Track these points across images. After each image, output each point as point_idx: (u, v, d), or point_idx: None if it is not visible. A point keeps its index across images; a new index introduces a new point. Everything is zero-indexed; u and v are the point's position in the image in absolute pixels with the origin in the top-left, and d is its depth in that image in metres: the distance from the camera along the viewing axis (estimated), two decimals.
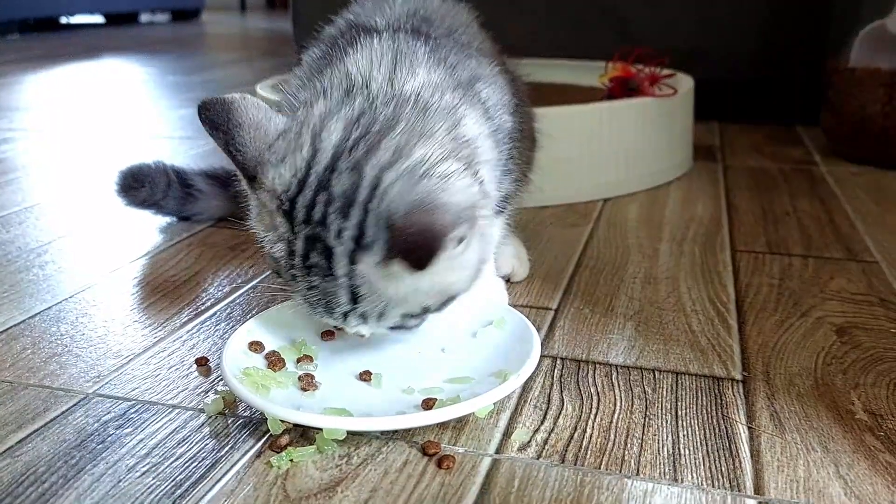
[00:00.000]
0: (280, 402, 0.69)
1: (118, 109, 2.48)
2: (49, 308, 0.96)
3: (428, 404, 0.69)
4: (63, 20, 5.53)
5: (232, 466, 0.65)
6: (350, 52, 0.76)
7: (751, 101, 2.06)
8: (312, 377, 0.74)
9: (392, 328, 0.72)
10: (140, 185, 1.24)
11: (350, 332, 0.72)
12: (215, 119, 0.69)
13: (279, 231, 0.67)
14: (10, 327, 0.91)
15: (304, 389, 0.73)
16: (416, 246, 0.60)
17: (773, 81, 2.02)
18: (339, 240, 0.64)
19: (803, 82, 1.95)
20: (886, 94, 1.58)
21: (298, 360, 0.77)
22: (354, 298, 0.66)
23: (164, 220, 1.28)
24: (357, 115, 0.69)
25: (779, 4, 1.96)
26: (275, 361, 0.76)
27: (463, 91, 0.75)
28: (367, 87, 0.72)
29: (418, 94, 0.71)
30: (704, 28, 1.98)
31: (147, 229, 1.25)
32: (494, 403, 0.71)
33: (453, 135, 0.70)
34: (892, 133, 1.58)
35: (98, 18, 5.81)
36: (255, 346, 0.78)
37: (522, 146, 0.92)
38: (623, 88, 1.52)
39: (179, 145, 1.87)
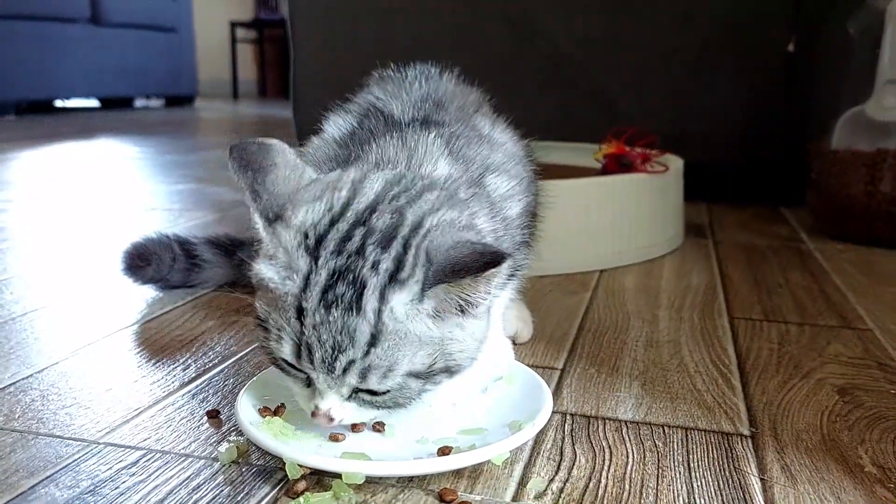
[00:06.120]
0: (297, 448, 0.69)
1: (114, 184, 2.51)
2: (56, 364, 0.95)
3: (444, 452, 0.70)
4: (58, 103, 5.63)
5: None
6: (367, 148, 0.80)
7: (736, 182, 2.13)
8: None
9: (384, 396, 0.67)
10: (146, 263, 1.25)
11: (326, 402, 0.67)
12: (247, 158, 0.69)
13: (296, 265, 0.65)
14: (19, 381, 0.90)
15: (335, 440, 0.73)
16: (469, 260, 0.62)
17: (758, 164, 2.09)
18: (375, 271, 0.64)
19: (786, 165, 2.02)
20: (868, 174, 1.64)
21: None
22: (373, 340, 0.64)
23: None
24: (396, 177, 0.72)
25: (762, 90, 2.04)
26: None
27: (475, 189, 0.78)
28: (395, 166, 0.76)
29: (443, 182, 0.75)
30: (691, 112, 2.06)
31: (149, 294, 1.25)
32: (510, 452, 0.71)
33: (471, 222, 0.73)
34: (875, 212, 1.64)
35: (93, 102, 5.92)
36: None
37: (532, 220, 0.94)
38: (617, 165, 1.58)
39: (178, 217, 1.89)
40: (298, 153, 0.94)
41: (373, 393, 0.67)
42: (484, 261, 0.61)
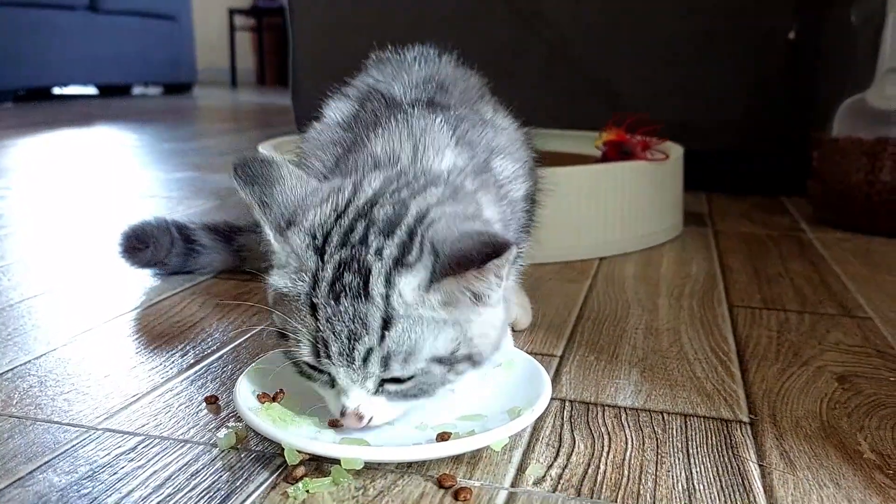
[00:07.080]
0: (296, 434, 0.69)
1: (113, 172, 2.50)
2: (54, 350, 0.95)
3: (443, 438, 0.70)
4: (56, 91, 5.60)
5: (248, 497, 0.64)
6: (372, 135, 0.79)
7: (737, 172, 2.12)
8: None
9: (408, 383, 0.66)
10: (144, 246, 1.24)
11: (353, 399, 0.66)
12: (253, 173, 0.69)
13: (306, 266, 0.66)
14: (17, 367, 0.90)
15: (334, 426, 0.72)
16: (475, 252, 0.61)
17: (759, 153, 2.08)
18: (379, 257, 0.64)
19: (787, 154, 2.02)
20: (869, 163, 1.63)
21: None
22: (386, 324, 0.63)
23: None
24: (396, 174, 0.73)
25: (764, 80, 2.03)
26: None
27: (482, 177, 0.78)
28: (397, 163, 0.75)
29: (447, 176, 0.74)
30: (692, 101, 2.05)
31: (147, 280, 1.25)
32: (509, 438, 0.71)
33: (478, 212, 0.72)
34: (875, 200, 1.63)
35: (91, 90, 5.90)
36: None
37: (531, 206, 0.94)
38: (617, 152, 1.57)
39: (177, 204, 1.89)
40: (301, 138, 0.94)
41: (398, 381, 0.66)
42: (487, 251, 0.61)
